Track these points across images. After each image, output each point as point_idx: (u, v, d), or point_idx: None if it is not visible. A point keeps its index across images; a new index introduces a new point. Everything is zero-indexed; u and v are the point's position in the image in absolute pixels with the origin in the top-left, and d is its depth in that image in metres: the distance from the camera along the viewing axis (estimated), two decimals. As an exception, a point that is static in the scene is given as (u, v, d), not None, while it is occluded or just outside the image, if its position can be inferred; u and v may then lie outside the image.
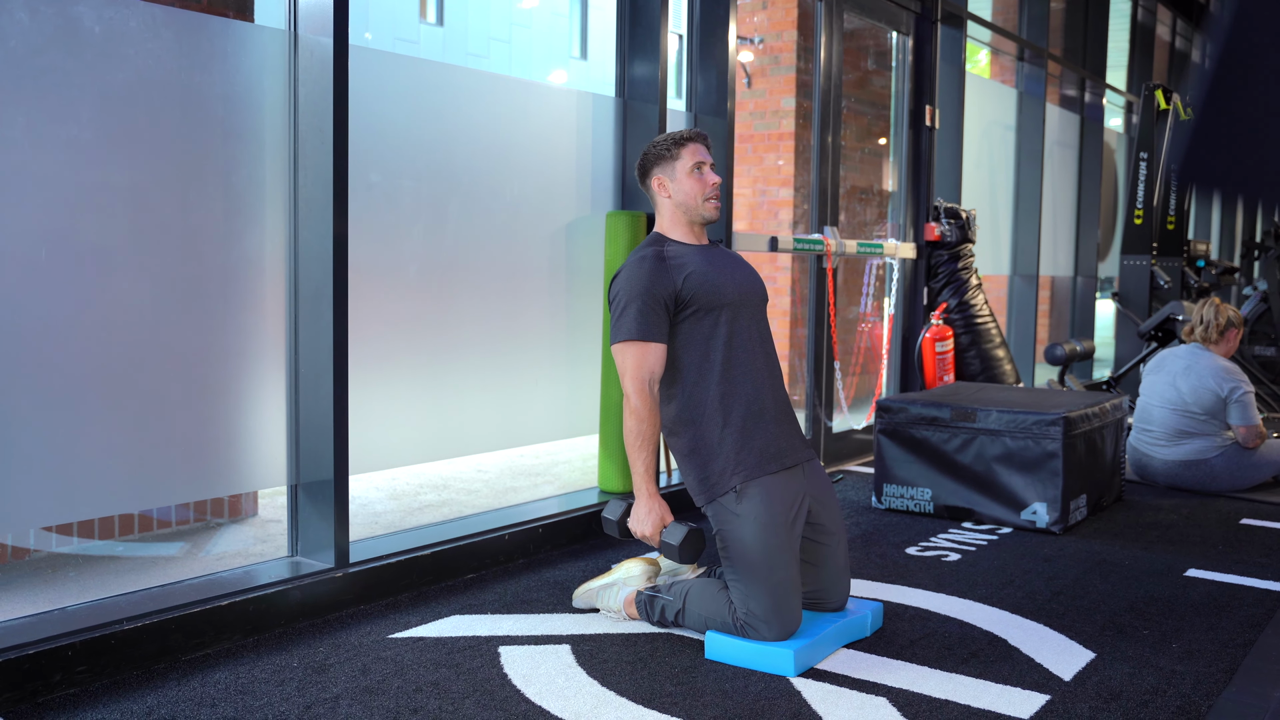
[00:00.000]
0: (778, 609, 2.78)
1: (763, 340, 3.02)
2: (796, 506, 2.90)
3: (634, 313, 2.85)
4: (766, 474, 2.87)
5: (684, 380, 2.92)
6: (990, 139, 7.45)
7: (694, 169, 2.99)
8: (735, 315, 2.94)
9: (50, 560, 3.65)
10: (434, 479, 5.03)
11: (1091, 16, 8.73)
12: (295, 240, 3.23)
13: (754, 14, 7.45)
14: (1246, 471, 4.92)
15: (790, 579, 2.82)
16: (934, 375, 6.03)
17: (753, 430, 2.90)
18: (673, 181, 3.01)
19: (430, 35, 19.90)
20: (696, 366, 2.91)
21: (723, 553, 2.88)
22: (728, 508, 2.86)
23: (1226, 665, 2.83)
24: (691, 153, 3.00)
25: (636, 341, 2.84)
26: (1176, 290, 7.92)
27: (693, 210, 3.00)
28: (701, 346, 2.91)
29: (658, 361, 2.86)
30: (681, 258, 2.95)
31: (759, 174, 7.48)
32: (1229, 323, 5.05)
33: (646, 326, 2.84)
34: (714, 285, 2.92)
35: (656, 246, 2.98)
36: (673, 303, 2.89)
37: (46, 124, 2.72)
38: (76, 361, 2.81)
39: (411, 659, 2.80)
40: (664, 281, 2.87)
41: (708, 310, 2.91)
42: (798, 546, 2.89)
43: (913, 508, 4.52)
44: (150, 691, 2.58)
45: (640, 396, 2.83)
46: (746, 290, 3.00)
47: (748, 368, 2.94)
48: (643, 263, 2.91)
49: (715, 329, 2.92)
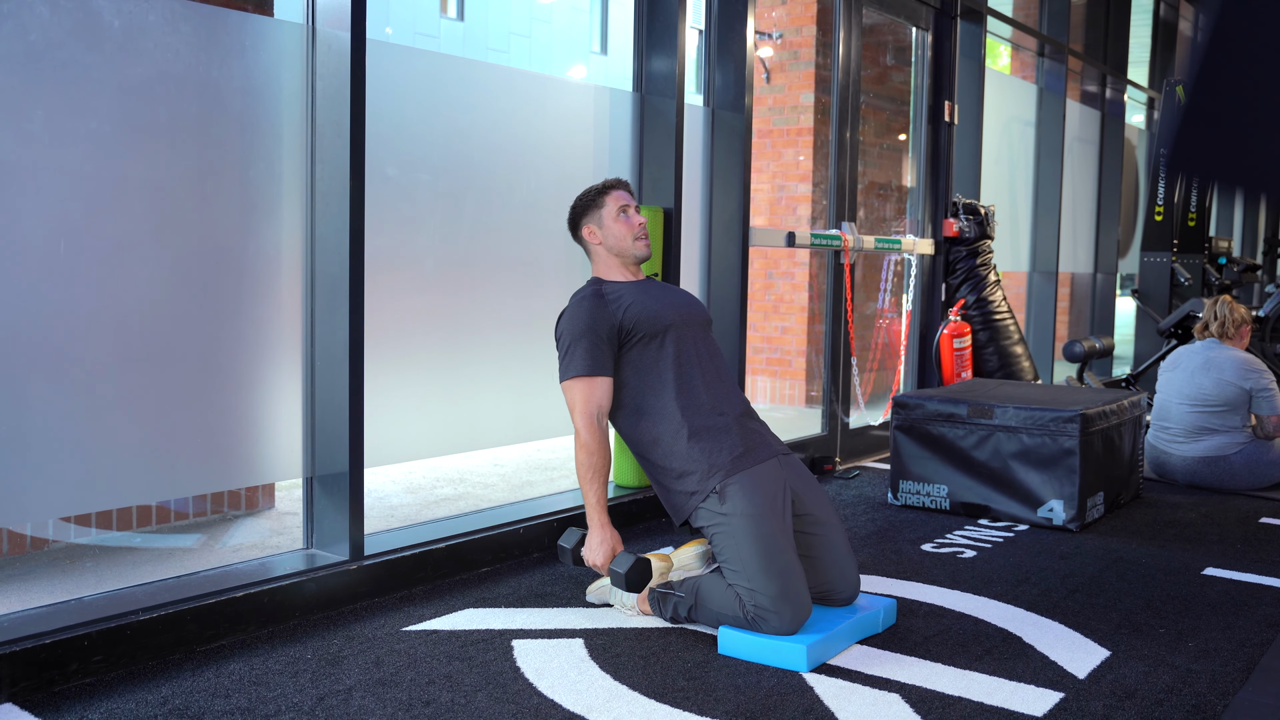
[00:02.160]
0: (785, 594, 2.78)
1: (711, 355, 3.15)
2: (781, 495, 2.95)
3: (579, 350, 2.98)
4: (742, 470, 2.92)
5: (643, 404, 3.04)
6: (1010, 135, 7.41)
7: (619, 213, 3.17)
8: (680, 336, 3.08)
9: (68, 550, 3.68)
10: (450, 473, 5.05)
11: (1113, 12, 8.67)
12: (312, 234, 3.24)
13: (773, 9, 7.44)
14: (1266, 469, 4.89)
15: (792, 564, 2.84)
16: (951, 371, 6.00)
17: (719, 435, 2.99)
18: (601, 228, 3.18)
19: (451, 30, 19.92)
20: (652, 388, 3.03)
21: (721, 557, 2.90)
22: (713, 511, 2.90)
23: (1243, 665, 2.81)
24: (615, 199, 3.19)
25: (583, 377, 2.97)
26: (1197, 287, 7.87)
27: (624, 251, 3.17)
28: (653, 369, 3.04)
29: (605, 395, 2.99)
30: (619, 293, 3.11)
31: (777, 169, 7.46)
32: (1243, 319, 5.09)
33: (591, 362, 2.97)
34: (653, 312, 3.07)
35: (594, 287, 3.14)
36: (616, 335, 3.03)
37: (66, 117, 2.73)
38: (95, 354, 2.84)
39: (425, 651, 2.82)
40: (604, 317, 3.02)
41: (652, 335, 3.05)
42: (791, 533, 2.91)
43: (929, 504, 4.51)
44: (165, 682, 2.60)
45: (589, 430, 2.96)
46: (686, 313, 3.15)
47: (701, 381, 3.06)
48: (582, 302, 3.06)
49: (662, 350, 3.05)
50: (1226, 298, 5.17)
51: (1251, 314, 5.17)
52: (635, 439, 3.06)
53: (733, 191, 4.70)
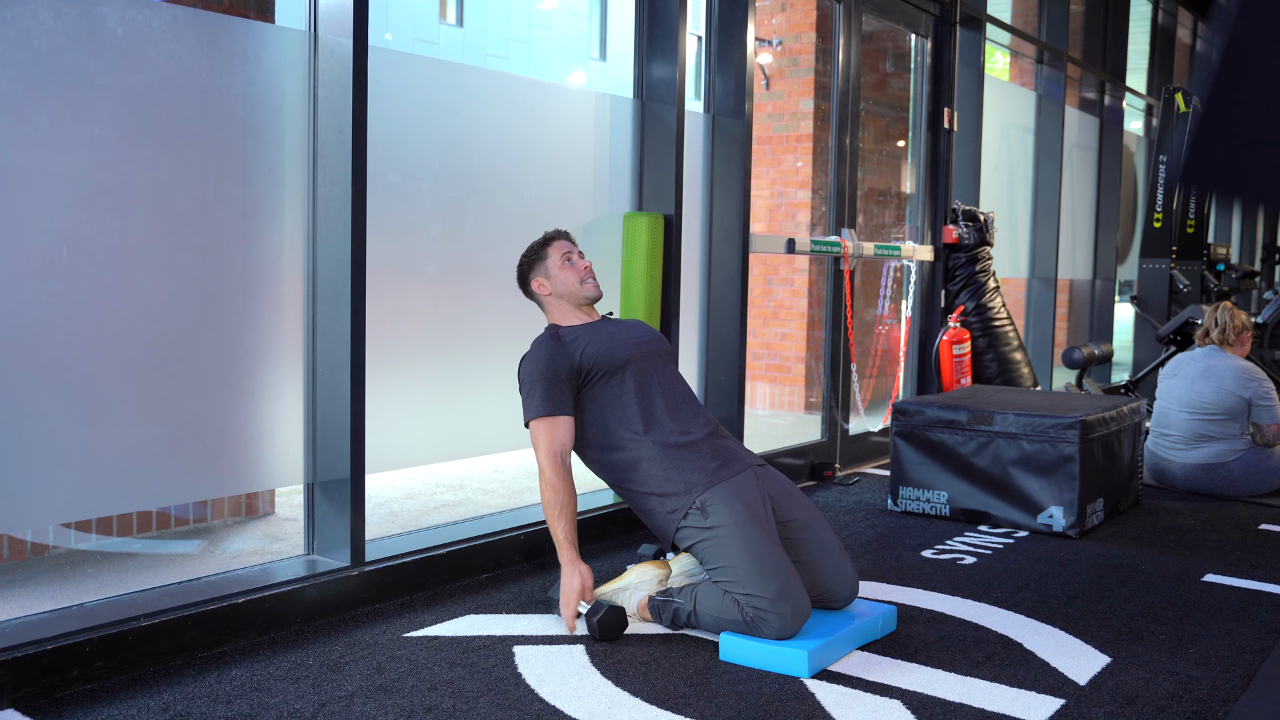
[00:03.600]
0: (782, 593, 2.79)
1: (673, 382, 3.22)
2: (761, 502, 2.99)
3: (540, 392, 3.06)
4: (719, 482, 2.98)
5: (612, 438, 3.11)
6: (1009, 141, 7.42)
7: (564, 260, 3.28)
8: (639, 369, 3.15)
9: (69, 556, 3.68)
10: (450, 479, 5.05)
11: (1111, 19, 8.69)
12: (314, 240, 3.25)
13: (772, 16, 7.45)
14: (1265, 476, 4.90)
15: (784, 562, 2.86)
16: (951, 378, 6.01)
17: (690, 453, 3.06)
18: (549, 278, 3.29)
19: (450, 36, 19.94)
20: (618, 421, 3.10)
21: (713, 571, 2.92)
22: (697, 527, 2.94)
23: (1243, 671, 2.82)
24: (557, 248, 3.30)
25: (545, 418, 3.04)
26: (1195, 294, 7.88)
27: (574, 295, 3.27)
28: (616, 403, 3.11)
29: (566, 434, 3.06)
30: (575, 335, 3.19)
31: (776, 176, 7.47)
32: (1243, 326, 5.09)
33: (552, 402, 3.05)
34: (609, 350, 3.15)
35: (551, 332, 3.23)
36: (575, 376, 3.11)
37: (69, 123, 2.74)
38: (96, 359, 2.84)
39: (426, 658, 2.82)
40: (563, 358, 3.10)
41: (611, 372, 3.12)
42: (777, 537, 2.95)
43: (929, 510, 4.51)
44: (167, 688, 2.60)
45: (554, 468, 3.01)
46: (644, 346, 3.23)
47: (665, 408, 3.13)
48: (541, 346, 3.16)
49: (624, 385, 3.12)
50: (1227, 304, 5.18)
51: (1251, 321, 5.19)
52: (610, 470, 3.13)
53: (733, 198, 4.71)
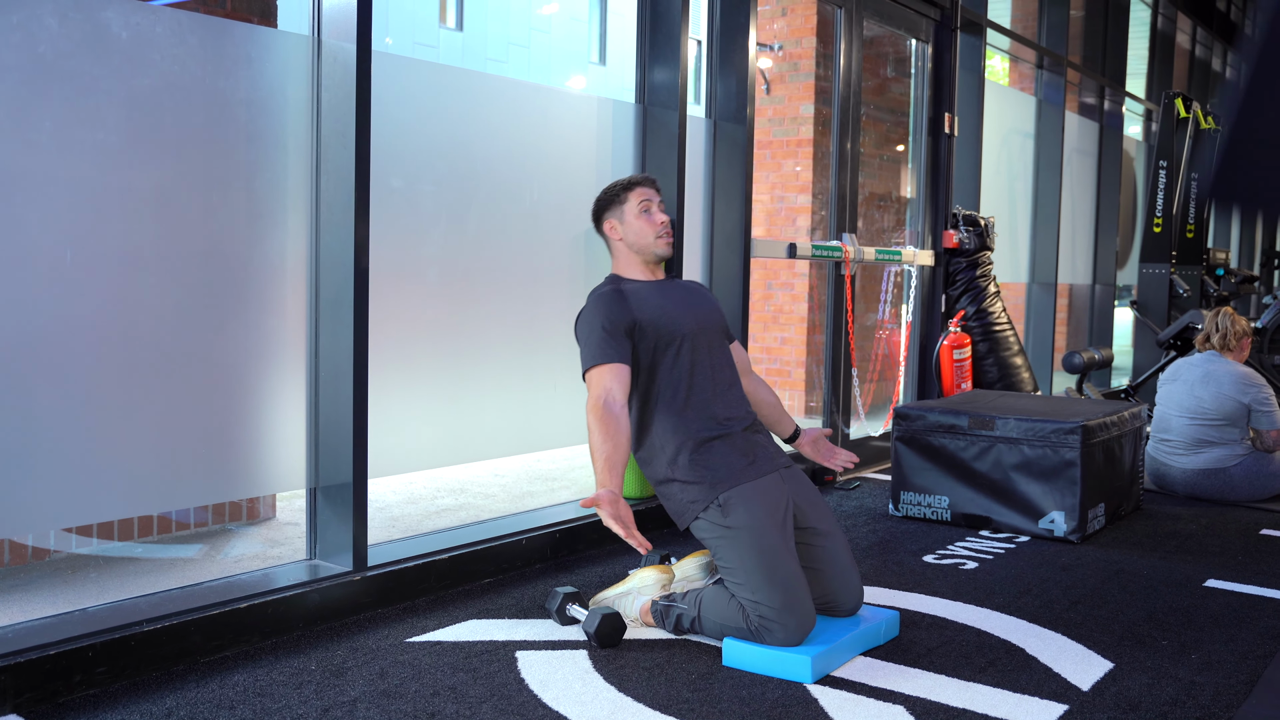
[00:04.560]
0: (789, 604, 2.78)
1: (724, 365, 3.15)
2: (783, 508, 2.95)
3: (595, 340, 2.98)
4: (746, 482, 2.94)
5: (650, 411, 3.05)
6: (1009, 146, 7.43)
7: (641, 210, 3.15)
8: (694, 345, 3.07)
9: (70, 561, 3.67)
10: (451, 483, 5.05)
11: (1111, 24, 8.70)
12: (316, 244, 3.25)
13: (773, 21, 7.46)
14: (1265, 481, 4.90)
15: (795, 574, 2.84)
16: (951, 383, 6.01)
17: (723, 447, 3.00)
18: (623, 224, 3.17)
19: (450, 40, 19.95)
20: (660, 397, 3.04)
21: (724, 569, 2.91)
22: (715, 523, 2.91)
23: (1246, 677, 2.82)
24: (638, 195, 3.17)
25: (597, 366, 2.95)
26: (1195, 299, 7.89)
27: (645, 249, 3.15)
28: (664, 378, 3.04)
29: (614, 380, 2.93)
30: (638, 293, 3.09)
31: (777, 180, 7.48)
32: (1244, 332, 5.10)
33: (606, 351, 2.96)
34: (671, 318, 3.06)
35: (614, 285, 3.13)
36: (631, 333, 3.01)
37: (73, 128, 2.74)
38: (99, 364, 2.84)
39: (429, 663, 2.81)
40: (622, 312, 3.02)
41: (668, 342, 3.04)
42: (793, 544, 2.92)
43: (930, 515, 4.51)
44: (169, 693, 2.60)
45: (594, 413, 2.88)
46: (704, 320, 3.14)
47: (710, 393, 3.06)
48: (601, 299, 3.06)
49: (677, 359, 3.04)
50: (1228, 309, 5.19)
51: (1252, 326, 5.20)
52: (637, 441, 3.07)
53: (734, 203, 4.72)
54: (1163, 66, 10.01)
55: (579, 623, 3.07)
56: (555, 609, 3.10)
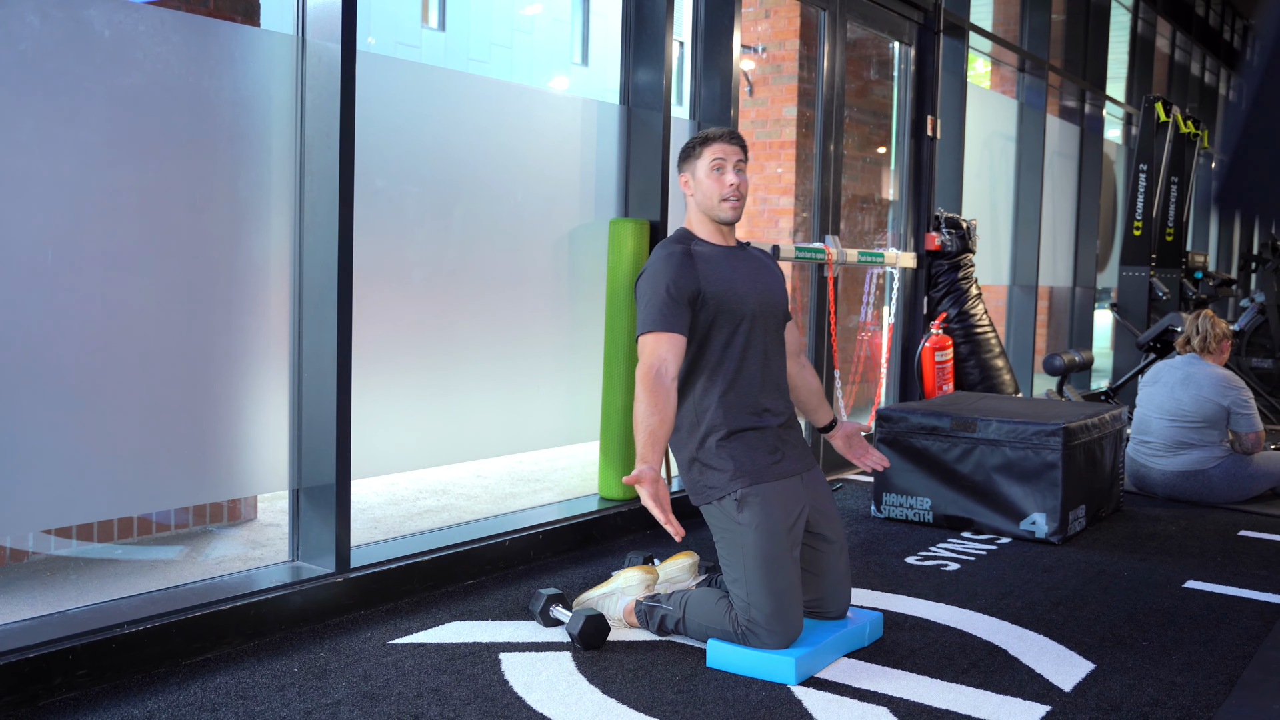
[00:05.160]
0: (779, 614, 2.78)
1: (777, 353, 3.04)
2: (796, 514, 2.92)
3: (656, 306, 2.85)
4: (767, 481, 2.88)
5: (693, 385, 2.95)
6: (991, 149, 7.46)
7: (714, 169, 2.97)
8: (752, 327, 2.96)
9: (49, 563, 3.64)
10: (433, 484, 5.03)
11: (1092, 28, 8.76)
12: (300, 244, 3.23)
13: (757, 23, 7.47)
14: (1244, 483, 4.95)
15: (792, 585, 2.83)
16: (933, 384, 6.03)
17: (756, 440, 2.93)
18: (694, 180, 3.01)
19: (432, 40, 19.91)
20: (707, 373, 2.93)
21: (723, 560, 2.89)
22: (729, 514, 2.87)
23: (1226, 677, 2.84)
24: (713, 151, 2.98)
25: (652, 333, 2.84)
26: (1174, 301, 7.94)
27: (709, 210, 3.00)
28: (714, 355, 2.93)
29: (669, 350, 2.82)
30: (708, 259, 2.95)
31: (759, 182, 7.49)
32: (1224, 334, 5.13)
33: (667, 317, 2.84)
34: (737, 295, 2.94)
35: (684, 244, 2.98)
36: (693, 301, 2.89)
37: (56, 127, 2.72)
38: (81, 364, 2.82)
39: (412, 665, 2.81)
40: (688, 279, 2.88)
41: (726, 321, 2.93)
42: (798, 554, 2.90)
43: (912, 517, 4.52)
44: (151, 696, 2.58)
45: (643, 382, 2.79)
46: (767, 300, 3.02)
47: (757, 382, 2.96)
48: (670, 259, 2.92)
49: (732, 339, 2.93)
50: (1208, 312, 5.23)
51: (1231, 330, 5.24)
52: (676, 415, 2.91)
53: (718, 204, 4.71)
54: (1142, 70, 10.07)
55: (562, 624, 3.07)
56: (539, 611, 3.10)
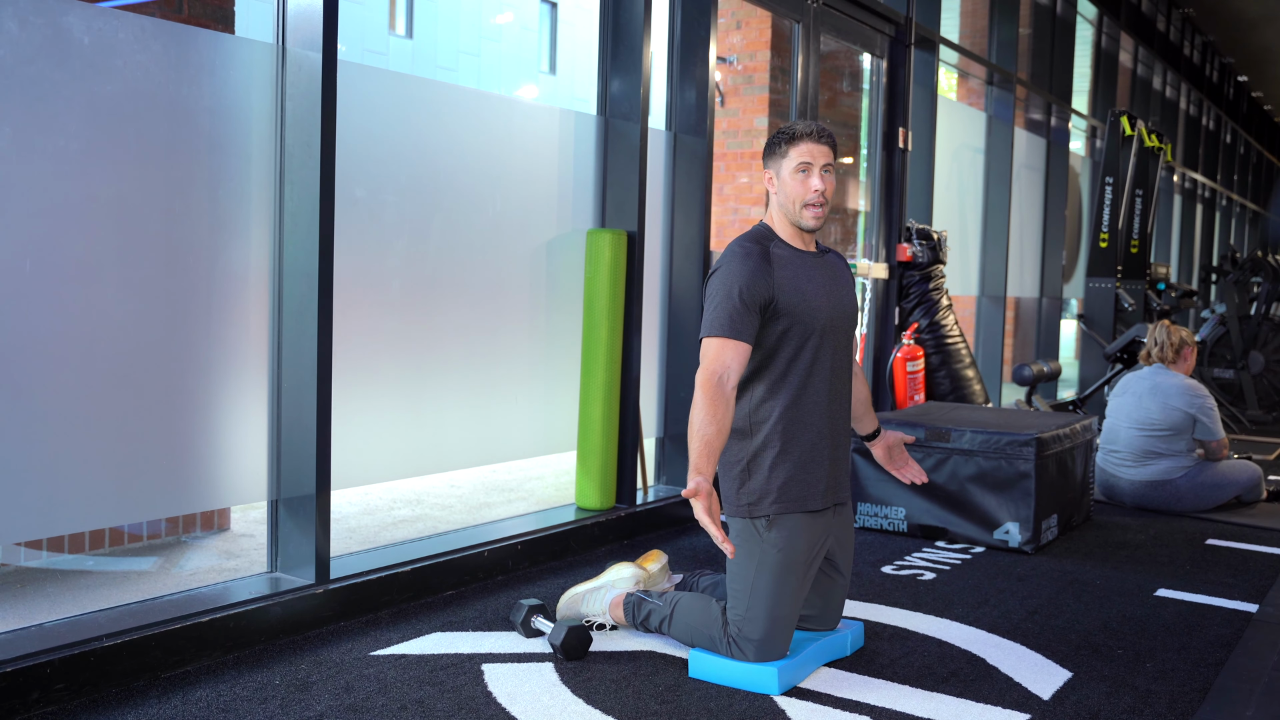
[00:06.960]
0: (770, 639, 2.79)
1: (843, 369, 2.95)
2: (819, 547, 2.91)
3: (726, 311, 2.74)
4: (800, 511, 2.84)
5: (750, 391, 2.85)
6: (960, 161, 7.54)
7: (799, 170, 2.86)
8: (822, 341, 2.86)
9: (19, 574, 3.59)
10: (407, 494, 5.01)
11: (1058, 42, 8.87)
12: (280, 254, 3.21)
13: (729, 34, 7.51)
14: (1210, 492, 5.02)
15: (790, 615, 2.83)
16: (905, 395, 6.08)
17: (805, 465, 2.85)
18: (778, 179, 2.89)
19: (399, 47, 19.85)
20: (769, 383, 2.84)
21: (734, 565, 2.86)
22: (756, 530, 2.84)
23: (1199, 685, 2.88)
24: (800, 152, 2.86)
25: (719, 338, 2.74)
26: (1140, 312, 8.04)
27: (792, 215, 2.88)
28: (781, 365, 2.83)
29: (734, 358, 2.73)
30: (786, 264, 2.85)
31: (731, 193, 7.52)
32: (1183, 342, 5.20)
33: (737, 324, 2.74)
34: (811, 307, 2.83)
35: (763, 245, 2.86)
36: (766, 307, 2.79)
37: (34, 134, 2.69)
38: (58, 374, 2.79)
39: (395, 677, 2.79)
40: (762, 285, 2.78)
41: (797, 333, 2.83)
42: (808, 587, 2.91)
43: (886, 526, 4.55)
44: (130, 709, 2.55)
45: (704, 387, 2.69)
46: (839, 313, 2.92)
47: (823, 399, 2.87)
48: (747, 259, 2.80)
49: (800, 352, 2.84)
50: (1165, 322, 5.31)
51: (1192, 336, 5.31)
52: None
53: (694, 215, 4.74)
54: (1106, 84, 10.21)
55: (544, 635, 3.07)
56: (520, 621, 3.10)
